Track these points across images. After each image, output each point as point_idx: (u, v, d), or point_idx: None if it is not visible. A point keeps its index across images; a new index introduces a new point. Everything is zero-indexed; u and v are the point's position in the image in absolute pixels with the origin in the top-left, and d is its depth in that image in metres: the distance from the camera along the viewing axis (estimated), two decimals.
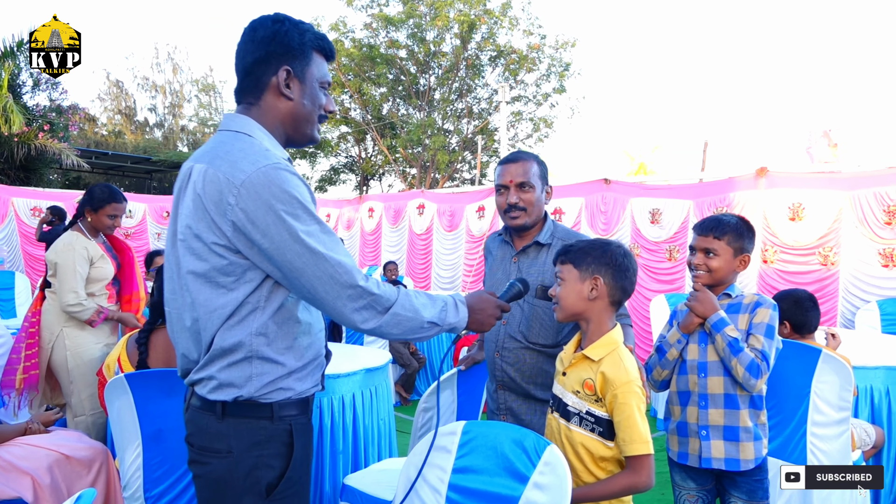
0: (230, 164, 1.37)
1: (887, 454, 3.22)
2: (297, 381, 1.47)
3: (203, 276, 1.39)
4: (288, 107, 1.52)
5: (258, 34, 1.49)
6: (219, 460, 1.43)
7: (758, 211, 5.96)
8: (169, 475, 2.22)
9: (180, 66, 31.14)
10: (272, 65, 1.48)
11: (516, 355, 2.14)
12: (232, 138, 1.46)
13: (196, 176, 1.41)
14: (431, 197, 9.50)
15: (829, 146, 12.19)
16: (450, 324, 1.55)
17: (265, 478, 1.43)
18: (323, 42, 1.55)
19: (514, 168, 2.18)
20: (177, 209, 1.49)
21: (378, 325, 1.43)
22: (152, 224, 9.87)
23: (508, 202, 2.18)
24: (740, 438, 2.04)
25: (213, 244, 1.37)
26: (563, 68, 20.47)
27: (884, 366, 3.22)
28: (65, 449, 2.45)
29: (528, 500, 1.58)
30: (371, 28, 20.09)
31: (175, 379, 2.18)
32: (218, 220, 1.35)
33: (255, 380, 1.41)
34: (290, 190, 1.35)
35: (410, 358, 5.84)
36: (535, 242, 2.21)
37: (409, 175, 22.53)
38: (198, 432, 1.47)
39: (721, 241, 2.13)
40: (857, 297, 5.42)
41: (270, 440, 1.44)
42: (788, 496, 2.81)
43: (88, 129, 27.42)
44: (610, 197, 6.99)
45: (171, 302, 1.51)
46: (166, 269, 1.52)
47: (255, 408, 1.43)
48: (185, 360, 1.51)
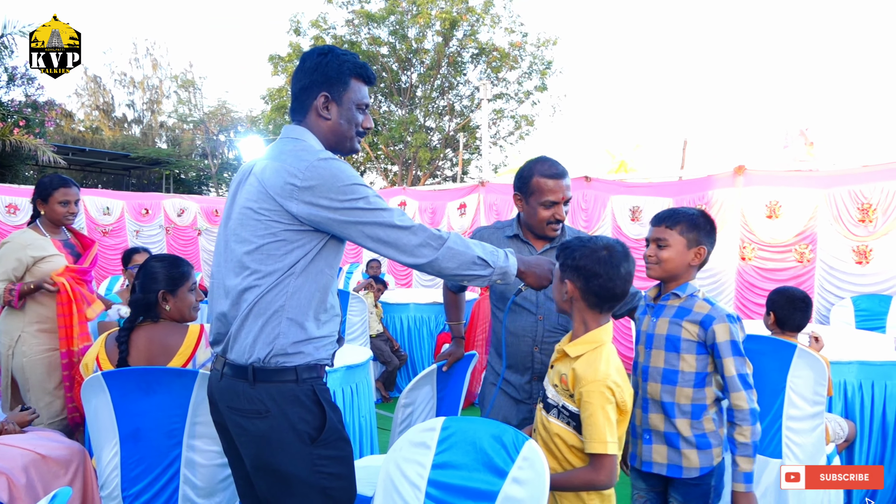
0: (294, 157, 1.65)
1: (859, 447, 3.28)
2: (315, 348, 1.70)
3: (258, 247, 1.64)
4: (327, 125, 1.80)
5: (306, 65, 1.79)
6: (261, 420, 1.64)
7: (736, 208, 6.03)
8: (147, 474, 2.20)
9: (159, 61, 30.78)
10: (314, 91, 1.77)
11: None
12: (291, 143, 1.74)
13: (259, 170, 1.70)
14: (413, 194, 9.49)
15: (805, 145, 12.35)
16: (501, 267, 1.78)
17: (305, 430, 1.65)
18: (362, 70, 1.81)
19: (564, 184, 2.29)
20: (234, 198, 1.76)
21: (436, 258, 1.68)
22: (130, 221, 9.75)
23: (557, 217, 2.30)
24: (681, 446, 1.99)
25: (275, 222, 1.62)
26: (544, 66, 20.51)
27: (857, 361, 3.28)
28: (41, 449, 2.42)
29: (506, 495, 1.59)
30: (352, 25, 19.99)
31: (153, 377, 2.17)
32: (282, 199, 1.61)
33: (281, 338, 1.64)
34: (344, 170, 1.64)
35: (392, 355, 5.84)
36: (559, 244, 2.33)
37: (390, 172, 22.47)
38: (236, 398, 1.68)
39: (673, 230, 2.02)
40: (831, 293, 5.51)
41: (298, 399, 1.66)
42: (763, 491, 2.85)
43: (65, 125, 27.05)
44: (591, 194, 7.03)
45: (216, 274, 1.77)
46: (216, 248, 1.80)
47: (281, 372, 1.65)
48: (219, 324, 1.74)
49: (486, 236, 2.46)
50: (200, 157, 26.61)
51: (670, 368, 1.99)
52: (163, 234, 10.18)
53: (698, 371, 1.97)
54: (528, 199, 2.32)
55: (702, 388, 1.98)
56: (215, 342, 1.78)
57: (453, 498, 1.65)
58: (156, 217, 10.12)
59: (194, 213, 10.52)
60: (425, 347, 6.15)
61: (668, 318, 2.03)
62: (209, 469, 2.24)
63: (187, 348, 2.30)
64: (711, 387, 1.99)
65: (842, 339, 4.03)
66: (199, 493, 2.23)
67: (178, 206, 10.39)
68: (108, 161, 23.06)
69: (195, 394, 2.16)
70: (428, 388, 2.39)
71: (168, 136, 30.01)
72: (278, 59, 20.59)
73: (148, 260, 2.48)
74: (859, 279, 5.36)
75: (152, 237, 10.00)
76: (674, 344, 1.99)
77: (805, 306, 2.92)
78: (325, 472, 1.66)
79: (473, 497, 1.62)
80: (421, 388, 2.33)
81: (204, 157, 26.34)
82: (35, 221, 3.40)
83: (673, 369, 1.99)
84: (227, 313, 1.70)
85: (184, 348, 2.30)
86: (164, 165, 24.36)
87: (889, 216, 5.16)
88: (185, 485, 2.21)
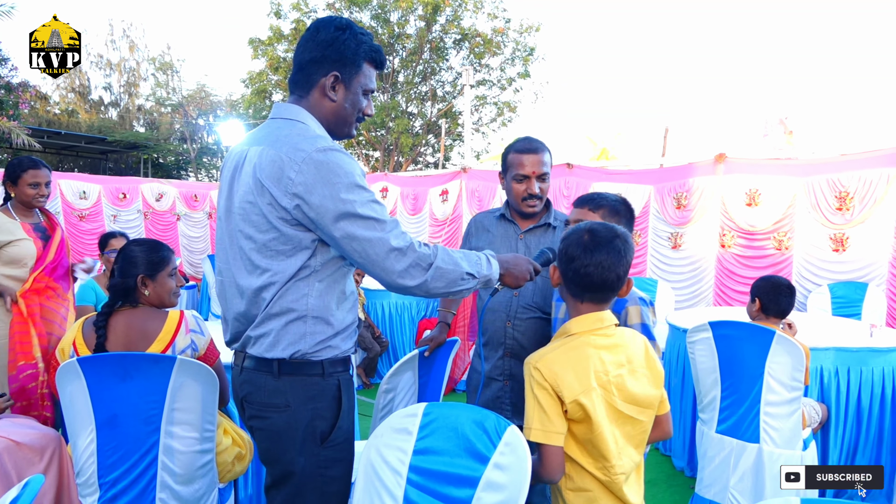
0: (290, 145, 1.53)
1: (835, 432, 3.33)
2: (341, 340, 1.67)
3: (264, 245, 1.56)
4: (331, 106, 1.69)
5: (319, 36, 1.65)
6: (278, 414, 1.61)
7: (716, 196, 6.07)
8: (124, 460, 2.17)
9: (136, 43, 30.24)
10: (324, 67, 1.65)
11: (528, 325, 2.30)
12: (288, 125, 1.63)
13: (254, 157, 1.58)
14: (395, 180, 9.44)
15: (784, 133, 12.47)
16: (485, 275, 1.71)
17: (320, 427, 1.63)
18: (376, 54, 1.71)
19: (535, 159, 2.29)
20: (231, 187, 1.66)
21: (424, 281, 1.58)
22: (107, 206, 9.60)
23: (530, 192, 2.30)
24: None
25: (273, 217, 1.53)
26: (527, 53, 20.46)
27: (834, 347, 3.32)
28: (15, 435, 2.37)
29: (488, 480, 1.58)
30: (334, 9, 19.76)
31: (131, 362, 2.13)
32: (279, 194, 1.51)
33: (308, 337, 1.60)
34: (344, 166, 1.52)
35: (373, 341, 5.82)
36: (544, 224, 2.37)
37: (371, 158, 22.36)
38: (256, 390, 1.64)
39: (595, 214, 2.01)
40: (809, 280, 5.57)
41: (322, 394, 1.63)
42: (741, 475, 2.89)
43: (40, 107, 26.51)
44: (573, 181, 7.04)
45: (225, 271, 1.69)
46: (219, 242, 1.71)
47: (308, 365, 1.61)
48: (237, 324, 1.68)
49: (480, 219, 2.53)
50: (179, 142, 26.30)
51: None
52: (141, 219, 10.05)
53: None
54: (506, 175, 2.38)
55: None
56: (233, 340, 1.72)
57: (435, 484, 1.64)
58: (134, 201, 9.98)
59: (173, 198, 10.38)
60: (406, 334, 6.14)
61: None
62: (188, 456, 2.21)
63: (167, 334, 2.27)
64: None
65: (818, 325, 4.08)
66: (178, 480, 2.20)
67: (156, 191, 10.25)
68: (85, 145, 22.65)
69: (173, 379, 2.13)
70: (410, 374, 2.38)
71: (146, 120, 29.56)
72: (258, 42, 20.34)
73: (127, 244, 2.43)
74: (836, 266, 5.43)
75: (130, 222, 9.86)
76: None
77: (789, 292, 2.96)
78: (327, 474, 1.66)
79: (455, 482, 1.62)
80: (402, 374, 2.32)
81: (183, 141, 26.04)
82: (6, 204, 3.34)
83: None
84: (246, 313, 1.64)
85: (163, 334, 2.27)
86: (142, 149, 24.03)
87: (866, 205, 5.23)
88: (163, 471, 2.19)
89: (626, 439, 1.60)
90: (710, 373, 3.01)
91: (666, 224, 6.44)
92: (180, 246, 10.39)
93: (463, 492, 1.60)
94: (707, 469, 3.06)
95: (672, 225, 6.38)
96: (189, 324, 2.32)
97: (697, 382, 3.12)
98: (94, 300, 3.72)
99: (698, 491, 3.13)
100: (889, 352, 3.33)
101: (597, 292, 1.61)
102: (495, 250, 2.36)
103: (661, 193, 6.47)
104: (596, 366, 1.56)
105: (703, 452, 3.10)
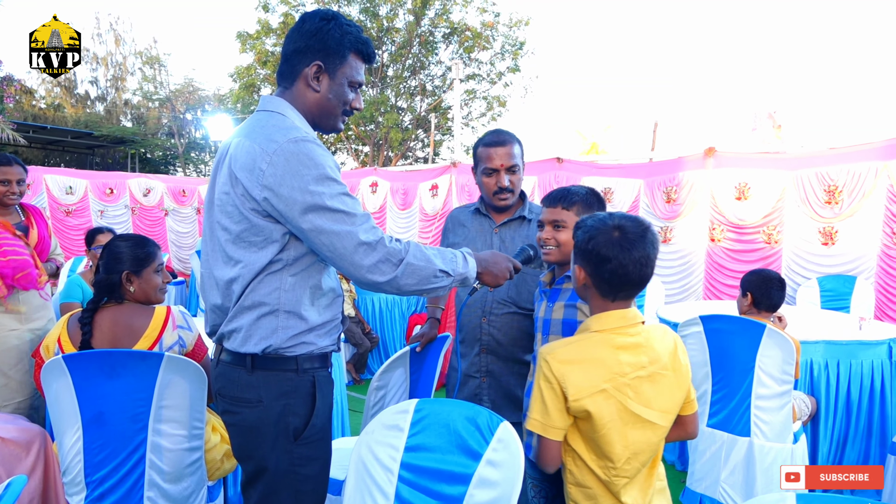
0: (264, 136, 1.52)
1: (825, 425, 3.34)
2: (318, 336, 1.63)
3: (237, 236, 1.56)
4: (315, 97, 1.67)
5: (305, 26, 1.65)
6: (250, 409, 1.60)
7: (706, 190, 6.07)
8: (111, 459, 2.14)
9: (123, 37, 29.94)
10: (307, 57, 1.64)
11: (504, 320, 2.25)
12: (267, 117, 1.61)
13: (233, 149, 1.58)
14: (384, 175, 9.40)
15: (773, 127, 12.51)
16: (460, 273, 1.69)
17: (293, 423, 1.60)
18: (363, 46, 1.69)
19: (503, 151, 2.24)
20: (215, 178, 1.67)
21: (394, 277, 1.55)
22: (94, 201, 9.51)
23: (500, 185, 2.25)
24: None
25: (245, 207, 1.52)
26: (517, 47, 20.43)
27: (823, 340, 3.33)
28: (0, 431, 2.35)
29: (480, 477, 1.57)
30: (322, 3, 19.66)
31: (117, 359, 2.10)
32: (250, 185, 1.50)
33: (280, 332, 1.57)
34: (315, 157, 1.50)
35: (363, 337, 5.80)
36: (518, 217, 2.32)
37: (361, 153, 22.28)
38: (229, 384, 1.63)
39: (570, 211, 1.94)
40: (798, 273, 5.59)
41: (296, 390, 1.61)
42: (732, 468, 2.89)
43: (25, 101, 26.27)
44: (563, 176, 7.03)
45: (205, 262, 1.69)
46: (203, 234, 1.71)
47: (282, 361, 1.59)
48: (214, 316, 1.68)
49: (456, 215, 2.49)
50: (167, 136, 26.11)
51: None
52: (128, 215, 9.97)
53: None
54: (476, 169, 2.34)
55: None
56: (212, 332, 1.72)
57: (427, 481, 1.63)
58: (121, 197, 9.89)
59: (161, 193, 10.30)
60: (397, 329, 6.13)
61: (564, 301, 1.95)
62: (176, 453, 2.19)
63: (153, 331, 2.24)
64: None
65: (808, 319, 4.10)
66: (166, 478, 2.18)
67: (143, 186, 10.17)
68: (71, 139, 22.46)
69: (161, 377, 2.11)
70: (401, 371, 2.36)
71: (133, 115, 29.29)
72: (246, 36, 20.21)
73: (113, 239, 2.40)
74: (825, 260, 5.45)
75: (117, 217, 9.78)
76: (571, 328, 1.92)
77: (780, 286, 2.97)
78: (301, 472, 1.63)
79: (447, 479, 1.60)
80: (394, 371, 2.30)
81: (170, 136, 25.85)
82: None
83: None
84: (221, 305, 1.64)
85: (150, 331, 2.24)
86: (130, 144, 23.84)
87: (854, 198, 5.24)
88: (150, 470, 2.16)
89: (639, 443, 1.53)
90: (700, 367, 3.02)
91: (656, 218, 6.44)
92: (168, 241, 10.31)
93: (455, 489, 1.59)
94: (698, 463, 3.07)
95: (662, 219, 6.39)
96: (176, 320, 2.30)
97: None
98: (80, 297, 3.67)
99: (689, 485, 3.13)
100: (878, 344, 3.34)
101: (633, 289, 1.55)
102: (471, 245, 2.35)
103: (650, 188, 6.48)
104: (611, 366, 1.50)
105: (694, 446, 3.10)
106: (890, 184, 5.04)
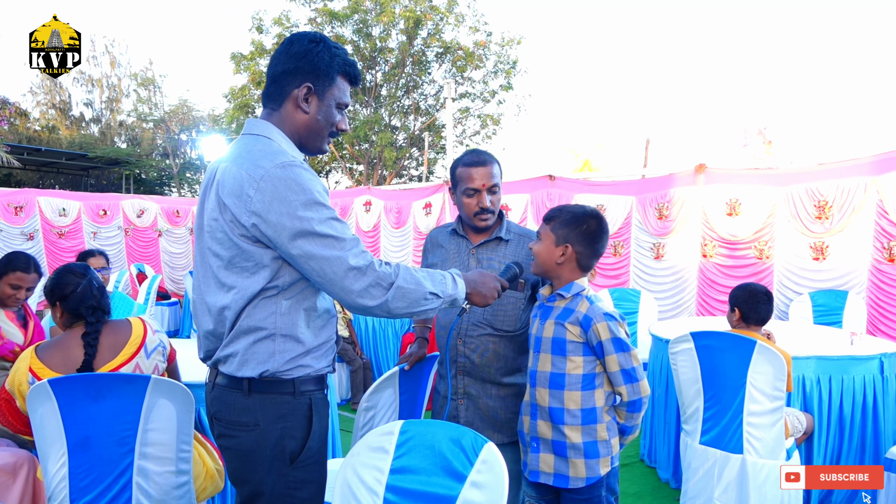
0: (251, 162, 1.52)
1: (818, 441, 3.33)
2: (314, 359, 1.64)
3: (228, 261, 1.55)
4: (303, 119, 1.67)
5: (293, 48, 1.65)
6: (247, 433, 1.59)
7: (697, 206, 6.10)
8: (97, 483, 2.12)
9: (118, 59, 30.06)
10: (297, 78, 1.64)
11: (479, 342, 2.20)
12: (253, 141, 1.61)
13: (220, 174, 1.57)
14: (378, 194, 9.42)
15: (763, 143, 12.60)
16: (450, 295, 1.69)
17: (289, 447, 1.60)
18: (350, 68, 1.71)
19: (484, 171, 2.21)
20: (203, 204, 1.65)
21: (385, 301, 1.55)
22: (87, 223, 9.50)
23: (481, 205, 2.22)
24: (568, 455, 1.93)
25: (234, 234, 1.52)
26: (509, 65, 20.57)
27: (815, 356, 3.33)
28: None
29: (465, 499, 1.56)
30: (315, 23, 19.80)
31: (103, 382, 2.09)
32: (238, 211, 1.50)
33: (277, 356, 1.57)
34: (302, 183, 1.50)
35: (355, 355, 5.77)
36: (496, 238, 2.28)
37: (355, 172, 22.32)
38: (225, 408, 1.62)
39: (547, 225, 2.00)
40: (790, 289, 5.60)
41: (293, 413, 1.60)
42: (725, 487, 2.88)
43: (20, 124, 26.29)
44: (555, 193, 7.06)
45: (196, 288, 1.68)
46: (196, 259, 1.70)
47: (279, 384, 1.59)
48: (207, 342, 1.67)
49: (434, 235, 2.46)
50: (161, 157, 26.15)
51: (557, 372, 1.95)
52: (121, 236, 9.96)
53: (585, 373, 1.93)
54: (455, 190, 2.29)
55: (591, 391, 1.93)
56: (206, 357, 1.71)
57: (411, 503, 1.62)
58: (114, 218, 9.89)
59: (154, 214, 10.31)
60: (390, 348, 6.10)
61: (553, 319, 1.98)
62: (163, 477, 2.17)
63: (137, 338, 2.32)
64: (602, 389, 1.95)
65: (800, 334, 4.09)
66: (153, 503, 2.16)
67: (137, 207, 10.17)
68: (66, 161, 22.46)
69: (147, 399, 2.10)
70: (390, 391, 2.35)
71: (128, 136, 29.33)
72: (240, 57, 20.31)
73: (73, 270, 2.43)
74: (816, 275, 5.46)
75: (110, 238, 9.77)
76: (560, 346, 1.95)
77: (767, 299, 2.97)
78: (297, 495, 1.61)
79: (432, 501, 1.59)
80: (383, 391, 2.29)
81: (165, 156, 25.90)
82: None
83: (559, 373, 1.95)
84: (213, 330, 1.63)
85: (133, 337, 2.31)
86: (124, 165, 23.86)
87: (844, 213, 5.27)
88: (138, 494, 2.14)
89: None
90: (692, 384, 3.01)
91: (648, 235, 6.46)
92: (162, 262, 10.30)
93: None
94: (691, 481, 3.05)
95: (654, 235, 6.41)
96: (152, 325, 2.39)
97: (680, 394, 3.11)
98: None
99: (683, 503, 3.11)
100: (870, 359, 3.34)
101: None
102: (449, 266, 2.32)
103: (642, 204, 6.50)
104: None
105: (688, 464, 3.09)
106: (879, 199, 5.07)
